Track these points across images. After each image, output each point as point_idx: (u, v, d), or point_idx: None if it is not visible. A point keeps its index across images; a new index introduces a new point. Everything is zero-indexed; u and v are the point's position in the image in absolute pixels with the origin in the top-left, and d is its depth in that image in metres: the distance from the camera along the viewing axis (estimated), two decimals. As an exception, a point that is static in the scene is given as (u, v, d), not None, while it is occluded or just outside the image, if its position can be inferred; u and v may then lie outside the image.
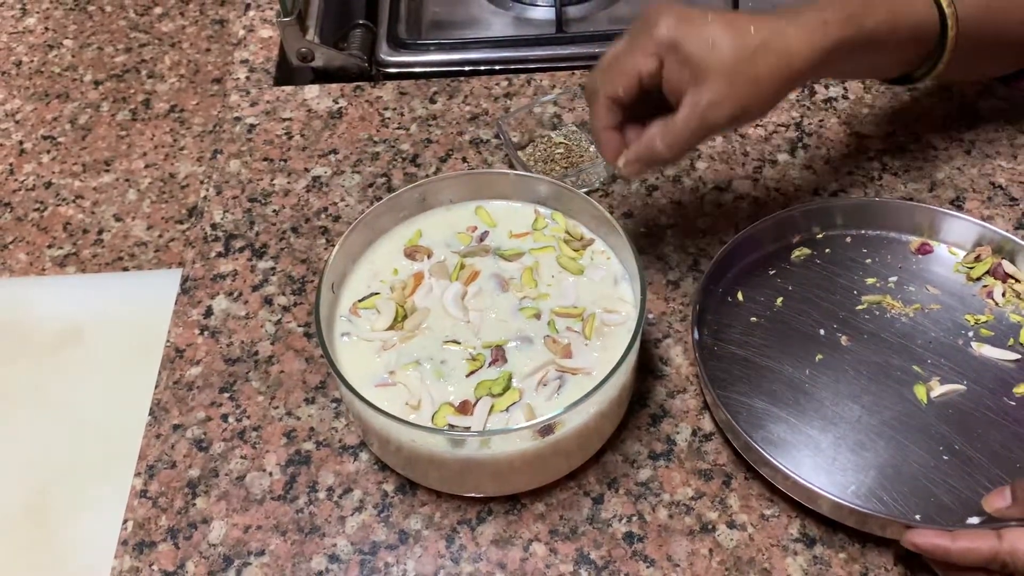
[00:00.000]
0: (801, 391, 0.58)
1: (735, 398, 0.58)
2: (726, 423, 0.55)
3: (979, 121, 0.75)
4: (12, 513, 0.61)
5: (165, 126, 0.88)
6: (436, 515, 0.55)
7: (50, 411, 0.67)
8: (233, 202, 0.73)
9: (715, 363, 0.59)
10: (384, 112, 0.79)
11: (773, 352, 0.60)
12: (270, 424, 0.60)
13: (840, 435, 0.56)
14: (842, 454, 0.55)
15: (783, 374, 0.59)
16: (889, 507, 0.53)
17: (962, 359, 0.59)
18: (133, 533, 0.55)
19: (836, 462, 0.55)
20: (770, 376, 0.59)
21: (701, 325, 0.60)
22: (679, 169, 0.73)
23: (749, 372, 0.59)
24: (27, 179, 0.84)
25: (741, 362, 0.60)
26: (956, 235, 0.64)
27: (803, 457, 0.55)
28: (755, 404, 0.58)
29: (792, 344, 0.60)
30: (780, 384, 0.58)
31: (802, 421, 0.57)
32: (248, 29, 0.89)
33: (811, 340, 0.60)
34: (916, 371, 0.58)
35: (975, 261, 0.63)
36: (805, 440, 0.56)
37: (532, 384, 0.54)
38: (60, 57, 0.95)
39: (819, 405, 0.57)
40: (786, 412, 0.57)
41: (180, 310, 0.66)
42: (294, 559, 0.54)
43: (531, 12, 0.92)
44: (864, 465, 0.55)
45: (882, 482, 0.54)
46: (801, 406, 0.57)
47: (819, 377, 0.59)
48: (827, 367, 0.59)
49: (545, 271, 0.59)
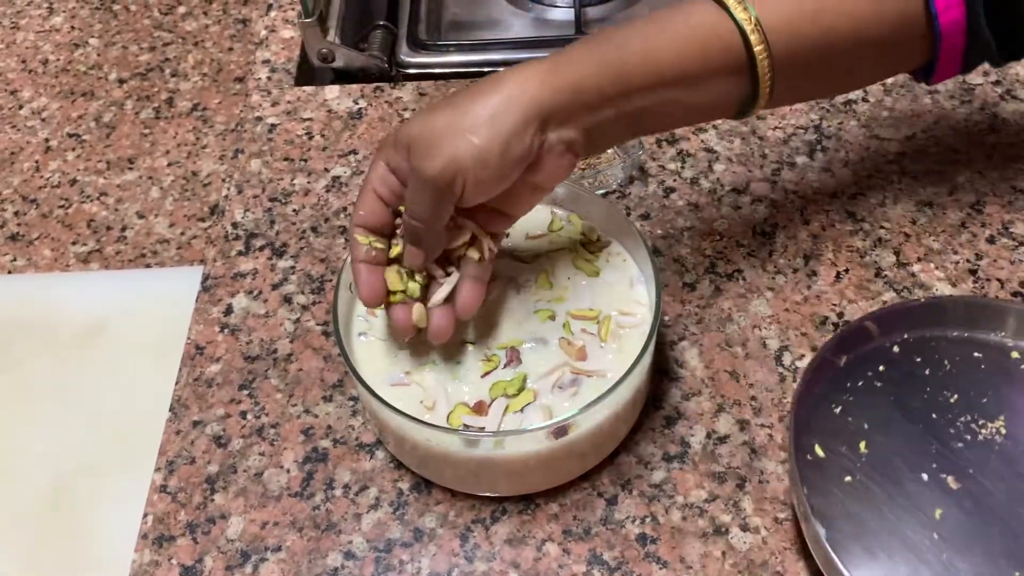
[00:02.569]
0: (941, 565, 0.50)
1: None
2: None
3: (1001, 124, 0.75)
4: (34, 505, 0.63)
5: (188, 124, 0.89)
6: (451, 514, 0.56)
7: (72, 405, 0.68)
8: (254, 201, 0.74)
9: (839, 553, 0.49)
10: (404, 113, 0.79)
11: (888, 516, 0.52)
12: (288, 421, 0.60)
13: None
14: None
15: (909, 541, 0.51)
16: None
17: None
18: (153, 527, 0.56)
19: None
20: (896, 546, 0.50)
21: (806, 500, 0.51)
22: (697, 171, 0.73)
23: (874, 546, 0.51)
24: (52, 176, 0.85)
25: (862, 539, 0.51)
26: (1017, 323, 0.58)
27: None
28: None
29: (901, 502, 0.52)
30: (913, 556, 0.50)
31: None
32: (270, 29, 0.89)
33: (919, 492, 0.52)
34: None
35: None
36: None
37: (547, 385, 0.55)
38: (86, 56, 0.96)
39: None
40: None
41: (201, 308, 0.67)
42: (310, 555, 0.55)
43: (550, 13, 0.92)
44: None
45: None
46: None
47: (950, 540, 0.50)
48: (953, 524, 0.51)
49: (561, 273, 0.59)
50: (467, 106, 0.49)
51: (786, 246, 0.68)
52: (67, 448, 0.65)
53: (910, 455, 0.54)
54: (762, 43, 0.51)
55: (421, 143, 0.49)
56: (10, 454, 0.66)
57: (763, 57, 0.52)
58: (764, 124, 0.76)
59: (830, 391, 0.57)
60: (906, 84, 0.78)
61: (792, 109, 0.76)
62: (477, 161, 0.49)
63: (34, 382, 0.69)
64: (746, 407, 0.59)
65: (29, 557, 0.61)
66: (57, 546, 0.61)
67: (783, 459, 0.57)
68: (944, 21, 0.54)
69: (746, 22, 0.51)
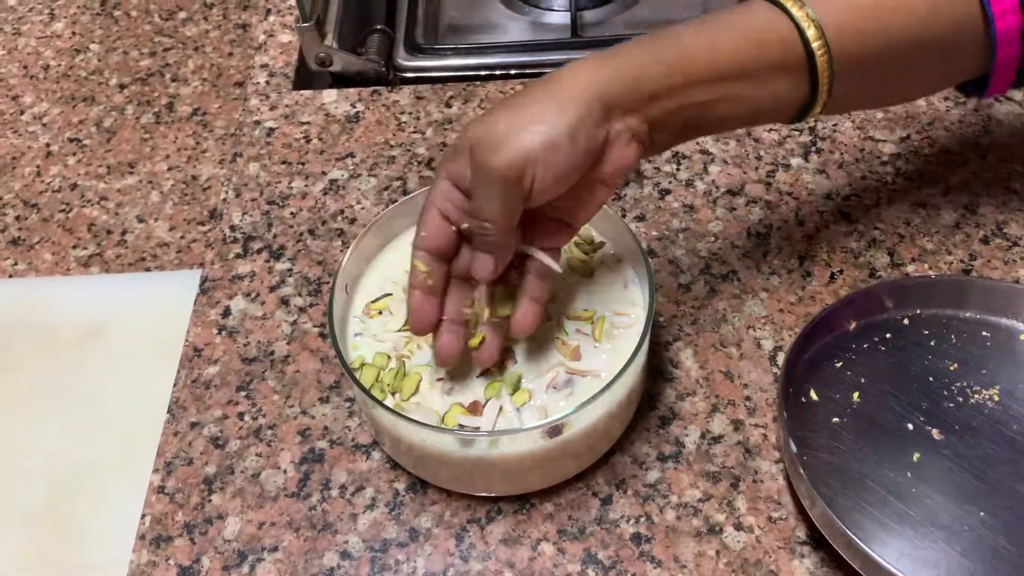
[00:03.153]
0: (910, 498, 0.53)
1: (844, 515, 0.53)
2: (849, 545, 0.49)
3: (995, 125, 0.75)
4: (33, 506, 0.63)
5: (188, 129, 0.89)
6: (446, 514, 0.56)
7: (71, 407, 0.68)
8: (252, 204, 0.74)
9: (811, 475, 0.52)
10: (401, 116, 0.80)
11: (866, 456, 0.55)
12: (285, 423, 0.61)
13: (968, 546, 0.51)
14: (979, 569, 0.50)
15: (885, 480, 0.54)
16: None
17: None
18: (151, 528, 0.57)
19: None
20: (871, 484, 0.54)
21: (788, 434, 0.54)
22: (692, 173, 0.73)
23: (847, 482, 0.54)
24: (53, 181, 0.85)
25: (836, 471, 0.55)
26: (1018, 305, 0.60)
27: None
28: (866, 519, 0.53)
29: (883, 445, 0.56)
30: (886, 492, 0.54)
31: (921, 533, 0.52)
32: (268, 34, 0.90)
33: (902, 438, 0.56)
34: (1023, 463, 0.54)
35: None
36: (934, 556, 0.51)
37: (542, 385, 0.55)
38: (86, 61, 0.97)
39: (933, 513, 0.53)
40: (901, 525, 0.52)
41: (199, 310, 0.67)
42: (307, 555, 0.55)
43: (547, 17, 0.92)
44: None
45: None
46: (915, 516, 0.52)
47: (923, 480, 0.54)
48: (928, 467, 0.54)
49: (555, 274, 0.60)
50: (528, 103, 0.49)
51: (781, 247, 0.68)
52: (66, 450, 0.66)
53: (899, 408, 0.57)
54: (820, 39, 0.51)
55: (486, 142, 0.48)
56: (9, 456, 0.66)
57: (821, 53, 0.51)
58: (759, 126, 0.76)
59: (835, 349, 0.60)
60: (901, 86, 0.78)
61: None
62: (547, 150, 0.48)
63: (34, 384, 0.70)
64: (740, 407, 0.60)
65: (27, 558, 0.61)
66: (55, 547, 0.61)
67: (777, 458, 0.57)
68: (1000, 27, 0.53)
69: (803, 19, 0.51)
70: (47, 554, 0.61)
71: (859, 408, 0.58)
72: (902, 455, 0.55)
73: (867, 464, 0.55)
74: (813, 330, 0.59)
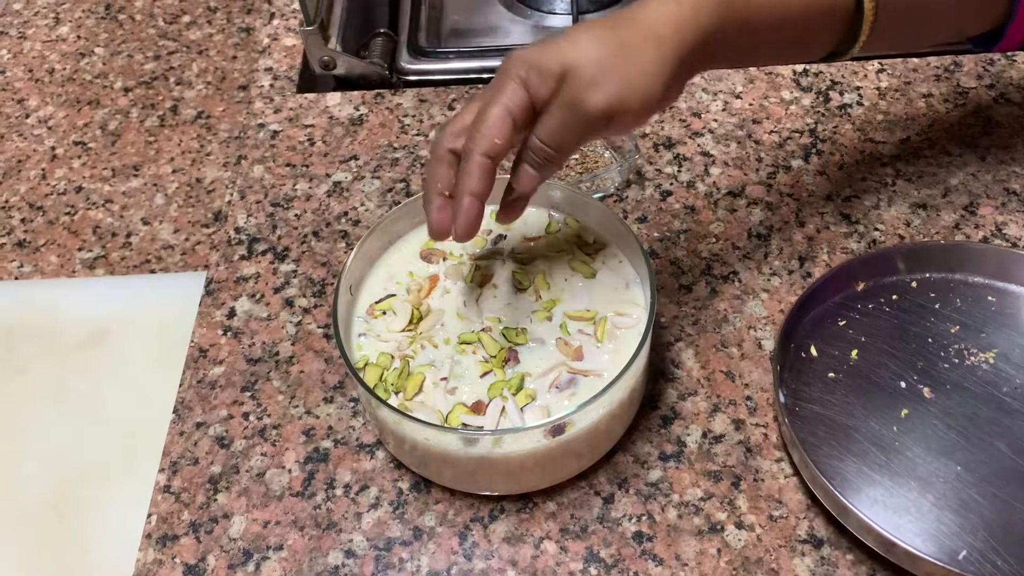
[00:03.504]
0: (892, 450, 0.56)
1: (824, 461, 0.55)
2: (822, 488, 0.52)
3: (994, 127, 0.75)
4: (39, 507, 0.63)
5: (192, 132, 0.90)
6: (450, 512, 0.57)
7: (77, 409, 0.69)
8: (256, 206, 0.75)
9: (799, 424, 0.56)
10: (404, 119, 0.80)
11: (856, 409, 0.57)
12: (290, 423, 0.61)
13: (940, 495, 0.54)
14: (947, 516, 0.53)
15: (870, 432, 0.56)
16: (1005, 573, 0.51)
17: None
18: (157, 527, 0.57)
19: (942, 526, 0.52)
20: (857, 435, 0.56)
21: (780, 385, 0.57)
22: (693, 175, 0.74)
23: (834, 432, 0.57)
24: (59, 183, 0.86)
25: (825, 422, 0.57)
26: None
27: (905, 522, 0.53)
28: (846, 467, 0.55)
29: (874, 400, 0.58)
30: (868, 443, 0.56)
31: (897, 483, 0.54)
32: (272, 38, 0.91)
33: (893, 394, 0.58)
34: (1007, 422, 0.56)
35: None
36: (904, 503, 0.54)
37: (545, 385, 0.55)
38: (91, 65, 0.98)
39: (912, 464, 0.55)
40: (879, 474, 0.55)
41: (204, 311, 0.68)
42: (311, 554, 0.55)
43: (549, 20, 0.93)
44: (971, 527, 0.52)
45: (994, 545, 0.52)
46: (894, 467, 0.55)
47: (908, 434, 0.56)
48: (914, 422, 0.57)
49: (558, 274, 0.60)
50: (627, 44, 0.48)
51: (781, 248, 0.68)
52: (70, 451, 0.66)
53: (895, 366, 0.60)
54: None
55: (583, 74, 0.47)
56: (15, 456, 0.66)
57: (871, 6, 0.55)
58: (760, 128, 0.77)
59: (841, 308, 0.62)
60: (900, 88, 0.79)
61: (787, 112, 0.77)
62: (643, 104, 0.48)
63: (39, 386, 0.70)
64: (741, 407, 0.60)
65: (33, 560, 0.61)
66: (60, 548, 0.62)
67: (778, 458, 0.58)
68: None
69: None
70: (52, 555, 0.61)
71: (856, 365, 0.60)
72: (891, 410, 0.57)
73: (855, 417, 0.57)
74: (821, 287, 0.61)
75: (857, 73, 0.80)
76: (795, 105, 0.78)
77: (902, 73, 0.80)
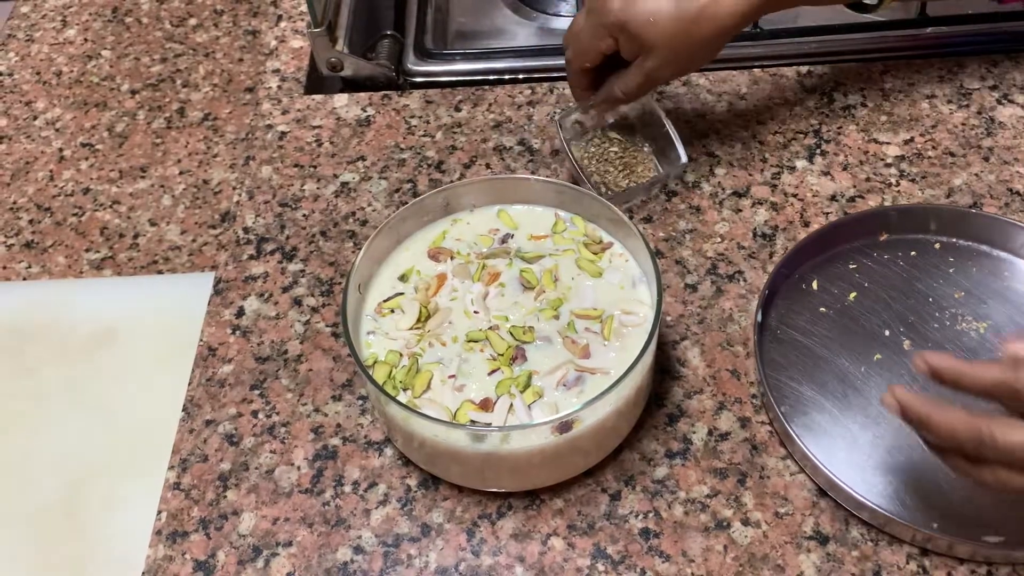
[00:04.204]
0: (852, 386, 0.59)
1: (784, 381, 0.60)
2: (766, 401, 0.56)
3: (997, 128, 0.76)
4: (49, 506, 0.64)
5: (199, 134, 0.90)
6: (458, 509, 0.57)
7: (86, 408, 0.69)
8: (265, 207, 0.75)
9: (774, 345, 0.60)
10: (410, 120, 0.81)
11: (834, 344, 0.61)
12: (298, 420, 0.62)
13: (879, 435, 0.57)
14: (877, 453, 0.56)
15: (838, 367, 0.60)
16: (911, 512, 0.54)
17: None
18: (167, 523, 0.58)
19: (870, 460, 0.56)
20: (825, 367, 0.60)
21: (769, 307, 0.61)
22: (698, 175, 0.74)
23: (805, 359, 0.60)
24: (66, 185, 0.86)
25: (800, 349, 0.61)
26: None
27: (838, 450, 0.57)
28: (803, 391, 0.59)
29: (854, 340, 0.61)
30: (833, 376, 0.60)
31: (845, 415, 0.58)
32: (280, 40, 0.91)
33: (874, 339, 0.61)
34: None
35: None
36: (844, 434, 0.57)
37: (552, 383, 0.56)
38: (99, 67, 0.98)
39: (866, 403, 0.58)
40: (832, 403, 0.58)
41: (213, 310, 0.68)
42: (320, 550, 0.56)
43: (554, 22, 0.93)
44: (895, 468, 0.56)
45: (908, 487, 0.55)
46: (848, 400, 0.58)
47: (873, 376, 0.59)
48: (883, 368, 0.60)
49: (564, 273, 0.61)
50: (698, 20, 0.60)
51: (786, 248, 0.69)
52: (81, 450, 0.67)
53: (886, 315, 0.62)
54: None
55: (664, 52, 0.61)
56: (24, 456, 0.67)
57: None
58: (764, 129, 0.77)
59: (857, 253, 0.65)
60: (903, 88, 0.79)
61: (791, 113, 0.78)
62: (695, 69, 0.68)
63: (49, 386, 0.71)
64: (747, 405, 0.60)
65: (44, 557, 0.62)
66: (72, 546, 0.62)
67: (784, 455, 0.58)
68: None
69: None
70: (63, 552, 0.62)
71: (849, 306, 0.63)
72: (866, 353, 0.60)
73: (830, 351, 0.61)
74: (845, 226, 0.64)
75: (861, 74, 0.81)
76: (799, 106, 0.79)
77: (906, 74, 0.81)
